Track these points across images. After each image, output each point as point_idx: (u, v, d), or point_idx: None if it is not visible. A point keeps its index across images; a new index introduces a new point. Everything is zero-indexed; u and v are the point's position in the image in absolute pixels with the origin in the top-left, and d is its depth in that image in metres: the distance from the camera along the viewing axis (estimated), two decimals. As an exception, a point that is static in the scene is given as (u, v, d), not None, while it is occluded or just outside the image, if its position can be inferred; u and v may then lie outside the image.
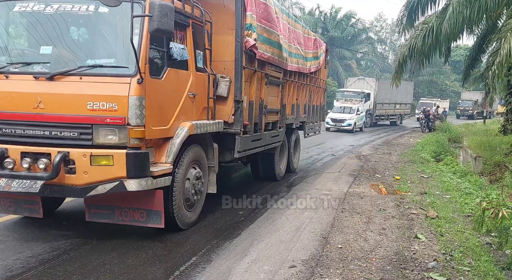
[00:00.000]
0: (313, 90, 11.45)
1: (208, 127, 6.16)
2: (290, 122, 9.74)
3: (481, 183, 9.56)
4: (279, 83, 8.70)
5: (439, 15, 11.49)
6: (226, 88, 6.50)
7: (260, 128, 7.74)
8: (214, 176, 6.64)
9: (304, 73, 10.29)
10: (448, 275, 4.80)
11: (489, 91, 10.26)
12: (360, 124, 27.12)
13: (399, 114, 35.80)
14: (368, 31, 54.20)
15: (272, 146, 8.58)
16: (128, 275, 4.46)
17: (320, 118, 12.72)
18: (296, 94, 9.95)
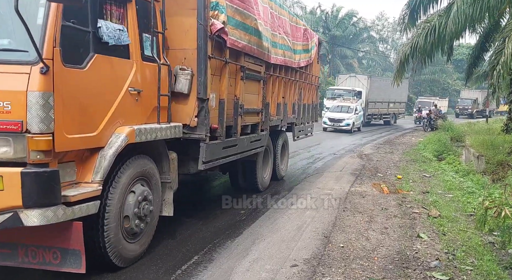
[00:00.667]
0: (303, 87, 10.22)
1: (159, 132, 4.76)
2: (276, 123, 8.47)
3: (483, 182, 9.53)
4: (260, 78, 7.38)
5: (442, 13, 11.46)
6: (186, 83, 5.16)
7: (235, 132, 6.44)
8: (170, 194, 5.28)
9: (292, 68, 9.02)
10: (450, 274, 4.79)
11: (495, 90, 10.23)
12: (358, 123, 26.01)
13: (393, 113, 34.32)
14: (369, 30, 54.13)
15: (252, 152, 7.34)
16: (130, 274, 4.45)
17: (312, 118, 11.55)
18: (282, 92, 8.68)
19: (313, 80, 11.22)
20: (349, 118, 24.44)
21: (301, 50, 9.57)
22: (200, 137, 5.37)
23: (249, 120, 7.11)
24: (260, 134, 7.60)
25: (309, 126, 11.30)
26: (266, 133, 7.91)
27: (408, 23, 13.39)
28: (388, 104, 32.84)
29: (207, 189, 8.90)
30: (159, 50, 4.90)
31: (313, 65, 10.89)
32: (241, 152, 6.80)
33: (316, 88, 11.77)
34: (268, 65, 7.66)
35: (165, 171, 5.16)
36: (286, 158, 10.27)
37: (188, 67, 5.22)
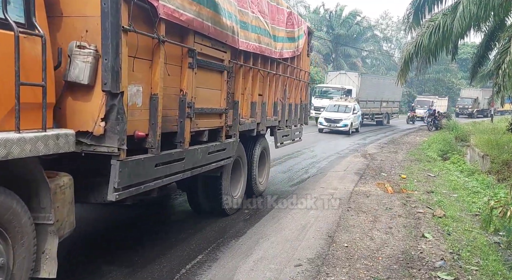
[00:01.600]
0: (289, 84, 8.46)
1: (16, 147, 2.80)
2: (250, 127, 6.69)
3: (488, 182, 9.49)
4: (223, 69, 5.52)
5: (446, 12, 11.42)
6: (86, 68, 3.40)
7: (181, 140, 4.59)
8: (54, 242, 3.28)
9: (272, 58, 7.24)
10: (455, 274, 4.76)
11: (500, 89, 10.19)
12: (356, 124, 24.33)
13: (385, 113, 32.43)
14: (373, 29, 54.00)
15: (211, 166, 5.49)
16: (135, 273, 4.46)
17: (301, 121, 9.83)
18: (259, 88, 6.91)
19: (302, 76, 9.44)
20: (346, 119, 22.79)
21: (284, 37, 7.72)
22: (110, 150, 3.50)
23: (206, 123, 5.21)
24: (224, 142, 5.75)
25: (297, 129, 9.55)
26: (235, 140, 6.13)
27: (413, 22, 13.36)
28: (381, 103, 31.25)
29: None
30: (29, 12, 3.05)
31: (301, 58, 9.18)
32: (191, 168, 4.90)
33: (306, 85, 10.05)
34: (236, 52, 5.84)
35: (45, 206, 3.21)
36: (267, 169, 8.46)
37: (90, 43, 3.43)
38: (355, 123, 23.88)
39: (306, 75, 9.91)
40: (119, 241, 5.45)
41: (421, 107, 36.60)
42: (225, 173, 6.24)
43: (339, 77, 29.85)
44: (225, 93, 5.64)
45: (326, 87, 28.93)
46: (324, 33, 45.68)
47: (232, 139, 6.05)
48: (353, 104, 24.26)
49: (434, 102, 38.36)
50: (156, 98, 4.04)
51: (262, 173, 8.17)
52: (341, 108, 23.66)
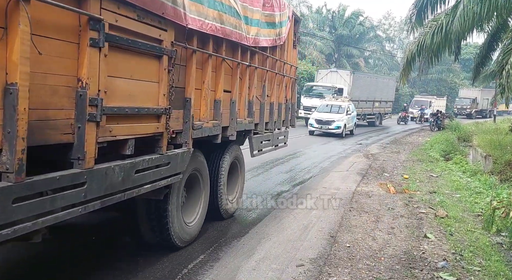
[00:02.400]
0: (270, 79, 7.12)
1: None
2: (211, 132, 5.10)
3: (491, 182, 9.48)
4: (162, 53, 3.98)
5: (449, 12, 11.40)
6: None
7: (80, 156, 3.11)
8: None
9: (244, 46, 5.73)
10: (458, 275, 4.76)
11: (504, 90, 10.17)
12: (350, 126, 22.36)
13: (378, 113, 30.99)
14: (376, 29, 53.90)
15: (143, 190, 3.91)
16: (137, 273, 4.46)
17: (287, 123, 8.47)
18: (226, 82, 5.50)
19: (287, 71, 8.06)
20: (340, 120, 20.72)
21: (260, 21, 6.25)
22: None
23: (129, 130, 3.67)
24: (167, 153, 4.19)
25: (281, 133, 8.15)
26: (186, 150, 4.52)
27: (415, 22, 13.34)
28: (373, 103, 29.85)
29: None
30: None
31: (286, 50, 7.81)
32: (103, 197, 3.34)
33: (293, 82, 8.67)
34: (184, 32, 4.28)
35: None
36: (240, 184, 7.00)
37: None
38: (349, 124, 21.98)
39: (293, 70, 8.55)
40: (121, 241, 5.45)
41: (418, 107, 36.35)
42: (173, 195, 4.68)
43: (330, 75, 28.15)
44: (166, 87, 4.01)
45: (316, 85, 27.30)
46: (327, 33, 45.62)
47: (181, 149, 4.48)
48: (347, 104, 22.37)
49: (432, 102, 37.96)
50: (15, 91, 2.48)
51: (233, 189, 6.68)
52: (334, 109, 21.71)
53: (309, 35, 41.22)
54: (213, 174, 5.93)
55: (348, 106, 22.18)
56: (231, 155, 6.37)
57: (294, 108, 8.96)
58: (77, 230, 5.48)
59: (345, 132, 21.36)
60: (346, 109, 21.62)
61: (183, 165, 4.54)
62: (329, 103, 22.47)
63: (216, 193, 6.02)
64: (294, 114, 9.01)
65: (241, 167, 7.03)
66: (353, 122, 22.78)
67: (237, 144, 6.64)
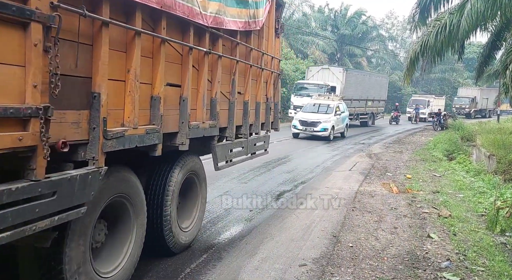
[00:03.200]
0: (243, 72, 5.78)
1: None
2: (143, 142, 3.67)
3: (495, 182, 9.43)
4: (29, 17, 2.38)
5: (453, 11, 11.35)
6: None
7: None
8: None
9: (200, 26, 4.38)
10: (461, 275, 4.74)
11: (508, 89, 10.12)
12: (340, 128, 19.95)
13: (371, 113, 29.48)
14: (379, 28, 53.80)
15: None
16: (138, 272, 4.45)
17: (268, 126, 7.03)
18: (173, 73, 4.15)
19: (268, 63, 6.78)
20: (326, 121, 18.41)
21: None
22: None
23: None
24: (45, 180, 2.64)
25: (260, 139, 6.74)
26: (92, 171, 3.07)
27: (418, 22, 13.29)
28: (366, 102, 28.39)
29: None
30: None
31: (266, 37, 6.54)
32: None
33: (276, 77, 7.29)
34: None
35: None
36: (200, 206, 5.41)
37: None
38: (338, 126, 19.53)
39: (275, 63, 7.19)
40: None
41: (419, 106, 35.58)
42: (72, 239, 3.18)
43: (321, 72, 26.46)
44: (40, 75, 2.52)
45: (307, 83, 25.34)
46: (329, 33, 45.56)
47: (83, 169, 3.02)
48: (337, 103, 19.94)
49: (430, 101, 37.08)
50: None
51: (189, 213, 5.23)
52: (322, 108, 19.37)
53: (312, 35, 41.16)
54: (154, 197, 4.51)
55: (338, 106, 19.84)
56: (183, 170, 4.76)
57: (277, 109, 7.50)
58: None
59: (334, 134, 19.11)
60: (335, 108, 19.28)
61: (87, 193, 3.01)
62: (317, 102, 20.12)
63: (160, 222, 4.51)
64: (277, 115, 7.53)
65: (201, 183, 5.37)
66: (343, 124, 20.40)
67: (194, 154, 5.03)
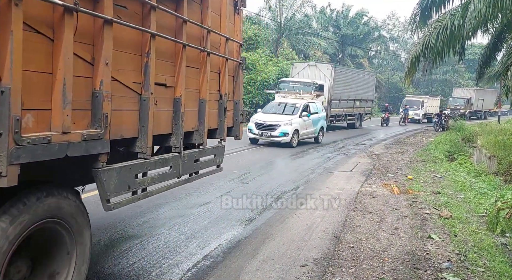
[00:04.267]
0: (169, 54, 4.10)
1: None
2: None
3: (495, 183, 9.43)
4: None
5: (454, 12, 11.37)
6: None
7: None
8: None
9: None
10: (462, 275, 4.75)
11: (509, 91, 10.14)
12: (311, 132, 17.02)
13: (358, 114, 27.63)
14: (380, 29, 53.83)
15: None
16: (138, 272, 4.48)
17: (222, 133, 5.31)
18: None
19: (221, 47, 5.14)
20: (287, 124, 15.51)
21: None
22: None
23: None
24: None
25: (206, 151, 4.98)
26: None
27: (420, 23, 13.31)
28: (354, 102, 26.67)
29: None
30: None
31: (213, 9, 4.86)
32: None
33: (236, 67, 5.68)
34: None
35: None
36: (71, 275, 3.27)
37: None
38: (307, 130, 16.66)
39: (234, 48, 5.61)
40: (122, 244, 5.47)
41: (411, 108, 34.60)
42: None
43: (307, 69, 24.21)
44: None
45: (293, 81, 22.41)
46: (331, 33, 45.60)
47: None
48: (306, 102, 17.23)
49: (424, 102, 36.42)
50: None
51: None
52: (288, 108, 16.61)
53: (313, 35, 41.19)
54: None
55: (308, 105, 17.01)
56: (23, 217, 2.69)
57: (238, 110, 5.80)
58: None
59: (301, 139, 16.42)
60: (301, 109, 16.43)
61: None
62: (283, 101, 17.62)
63: None
64: (239, 118, 5.83)
65: (77, 235, 3.25)
66: (316, 127, 17.32)
67: (60, 188, 3.06)
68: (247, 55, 28.73)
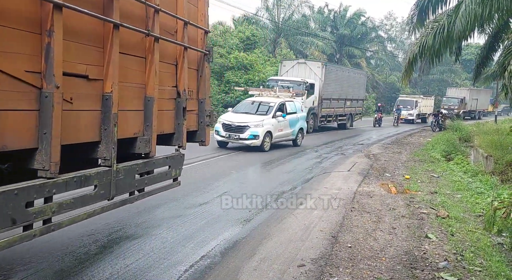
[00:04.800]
0: (90, 34, 3.07)
1: None
2: None
3: (492, 183, 9.47)
4: None
5: (451, 13, 11.40)
6: None
7: None
8: None
9: None
10: (459, 275, 4.76)
11: (508, 91, 10.18)
12: (287, 134, 15.16)
13: (349, 114, 26.51)
14: (378, 29, 53.86)
15: None
16: (137, 273, 4.47)
17: (181, 139, 4.45)
18: None
19: (177, 32, 4.32)
20: (258, 125, 13.75)
21: None
22: None
23: None
24: None
25: (157, 163, 4.16)
26: None
27: (417, 23, 13.35)
28: (345, 102, 25.62)
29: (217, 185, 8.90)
30: None
31: None
32: None
33: (200, 59, 4.89)
34: None
35: None
36: None
37: None
38: (282, 132, 14.83)
39: (197, 36, 4.82)
40: (119, 244, 5.47)
41: (404, 108, 33.66)
42: None
43: (297, 67, 23.01)
44: None
45: (282, 80, 21.14)
46: (328, 34, 45.62)
47: None
48: (282, 101, 15.40)
49: (418, 102, 35.48)
50: None
51: None
52: (262, 108, 14.80)
53: (311, 36, 41.22)
54: None
55: (284, 104, 15.19)
56: None
57: (204, 110, 4.95)
58: (77, 232, 5.49)
59: (276, 142, 14.70)
60: (275, 108, 14.62)
61: None
62: (257, 100, 15.67)
63: None
64: (205, 120, 4.99)
65: None
66: (293, 128, 15.39)
67: None
68: (245, 55, 28.76)
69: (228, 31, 33.93)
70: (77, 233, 5.36)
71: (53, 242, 5.03)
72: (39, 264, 4.46)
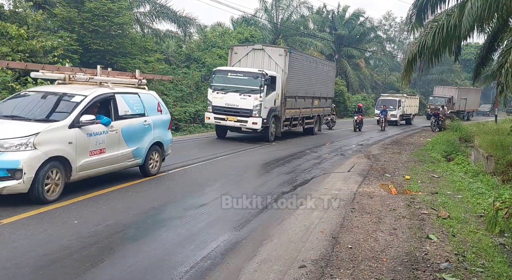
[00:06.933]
0: None
1: None
2: None
3: (493, 183, 9.45)
4: None
5: (450, 13, 11.38)
6: None
7: None
8: None
9: None
10: (461, 276, 4.74)
11: (503, 89, 10.16)
12: (121, 158, 7.91)
13: (317, 116, 21.28)
14: (376, 29, 53.88)
15: None
16: (137, 274, 4.44)
17: None
18: None
19: None
20: (15, 149, 6.07)
21: None
22: None
23: None
24: None
25: None
26: None
27: (416, 23, 13.32)
28: (312, 100, 20.37)
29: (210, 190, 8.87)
30: None
31: None
32: None
33: None
34: None
35: None
36: None
37: None
38: (103, 155, 7.41)
39: None
40: (119, 246, 5.44)
41: (387, 108, 29.44)
42: None
43: (252, 55, 17.43)
44: None
45: (233, 71, 16.44)
46: (327, 34, 45.63)
47: None
48: (108, 92, 7.93)
49: (402, 101, 32.45)
50: None
51: None
52: (60, 106, 7.31)
53: (310, 36, 41.21)
54: None
55: (113, 99, 7.97)
56: None
57: None
58: (77, 232, 5.46)
59: (86, 176, 7.02)
60: (84, 107, 7.10)
61: None
62: (40, 90, 7.61)
63: None
64: None
65: None
66: (141, 144, 8.44)
67: None
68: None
69: (227, 32, 33.92)
70: (77, 235, 5.33)
71: (53, 244, 5.01)
72: (39, 265, 4.42)
